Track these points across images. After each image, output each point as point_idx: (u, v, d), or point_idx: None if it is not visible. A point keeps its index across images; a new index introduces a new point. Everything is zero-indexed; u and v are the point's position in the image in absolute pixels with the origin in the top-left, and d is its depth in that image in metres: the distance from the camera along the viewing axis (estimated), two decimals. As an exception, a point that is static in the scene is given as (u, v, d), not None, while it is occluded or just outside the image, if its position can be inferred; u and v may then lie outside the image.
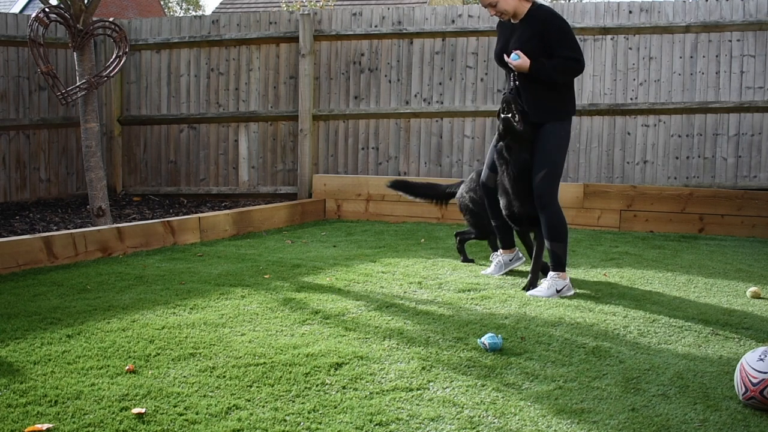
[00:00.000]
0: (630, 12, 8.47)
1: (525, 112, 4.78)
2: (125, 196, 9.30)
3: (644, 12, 8.45)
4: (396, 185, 6.57)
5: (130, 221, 7.52)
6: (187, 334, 3.74)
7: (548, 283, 4.76)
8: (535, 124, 4.80)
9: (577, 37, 8.45)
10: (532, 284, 4.86)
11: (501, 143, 4.87)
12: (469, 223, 5.82)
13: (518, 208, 4.89)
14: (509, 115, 4.76)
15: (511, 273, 5.36)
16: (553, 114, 4.81)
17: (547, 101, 4.81)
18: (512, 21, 4.96)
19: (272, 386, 3.06)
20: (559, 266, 4.78)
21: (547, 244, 4.83)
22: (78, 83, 6.96)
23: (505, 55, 4.84)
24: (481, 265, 5.70)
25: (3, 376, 3.10)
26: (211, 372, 3.21)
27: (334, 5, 15.12)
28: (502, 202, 5.00)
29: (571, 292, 4.76)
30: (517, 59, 4.74)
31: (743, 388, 2.95)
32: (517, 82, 4.87)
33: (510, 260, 5.35)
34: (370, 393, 3.01)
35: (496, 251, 5.46)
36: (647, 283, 5.12)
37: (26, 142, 8.53)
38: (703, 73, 8.36)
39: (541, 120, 4.80)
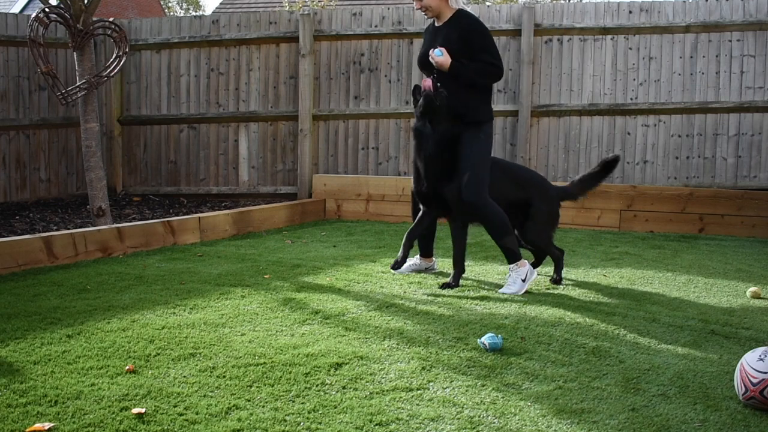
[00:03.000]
0: (630, 12, 8.47)
1: (445, 95, 4.82)
2: (125, 196, 9.30)
3: (644, 12, 8.45)
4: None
5: (130, 221, 7.52)
6: (187, 334, 3.74)
7: (512, 277, 4.80)
8: (455, 122, 4.86)
9: (577, 37, 8.58)
10: (455, 278, 4.92)
11: (418, 123, 4.91)
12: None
13: (426, 188, 4.92)
14: (432, 92, 4.80)
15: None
16: (472, 117, 4.87)
17: (467, 104, 4.87)
18: (436, 24, 5.03)
19: (272, 386, 3.06)
20: (514, 257, 4.84)
21: (497, 243, 4.90)
22: (78, 83, 6.96)
23: (431, 51, 4.84)
24: (479, 265, 5.69)
25: (3, 376, 3.10)
26: (211, 372, 3.21)
27: (336, 5, 15.12)
28: (413, 181, 5.04)
29: (535, 275, 4.86)
30: (441, 55, 4.79)
31: (743, 388, 2.95)
32: (438, 84, 4.90)
33: (426, 267, 5.41)
34: (370, 393, 3.01)
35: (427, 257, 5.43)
36: (647, 283, 5.12)
37: (26, 142, 8.53)
38: (703, 73, 8.36)
39: (464, 121, 4.87)
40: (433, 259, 5.42)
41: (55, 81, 6.97)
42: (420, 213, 5.14)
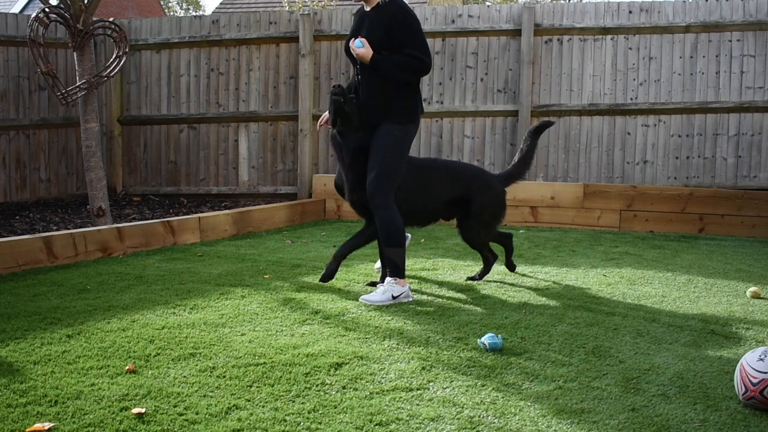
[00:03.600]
0: (630, 12, 8.47)
1: (355, 102, 4.62)
2: (125, 196, 9.30)
3: (644, 12, 8.45)
4: None
5: (130, 221, 7.52)
6: (187, 334, 3.74)
7: (383, 287, 4.48)
8: (372, 123, 4.61)
9: (577, 37, 8.58)
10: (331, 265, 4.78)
11: (335, 130, 4.71)
12: None
13: (349, 196, 4.76)
14: (339, 97, 4.58)
15: (508, 275, 5.35)
16: (391, 115, 4.58)
17: (387, 101, 4.58)
18: (365, 7, 4.67)
19: (272, 386, 3.06)
20: (397, 272, 4.49)
21: (383, 250, 4.59)
22: (78, 83, 6.96)
23: (351, 41, 4.57)
24: (480, 265, 5.70)
25: (3, 376, 3.10)
26: (211, 372, 3.21)
27: (336, 5, 15.12)
28: (346, 189, 4.83)
29: (410, 299, 4.49)
30: (361, 47, 4.49)
31: (743, 388, 2.95)
32: (359, 77, 4.65)
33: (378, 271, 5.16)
34: (370, 393, 3.01)
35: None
36: (647, 283, 5.12)
37: (26, 142, 8.53)
38: (703, 73, 8.36)
39: (377, 120, 4.59)
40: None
41: (55, 81, 6.97)
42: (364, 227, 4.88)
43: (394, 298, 4.42)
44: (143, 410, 2.76)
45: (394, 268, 4.50)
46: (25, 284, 4.81)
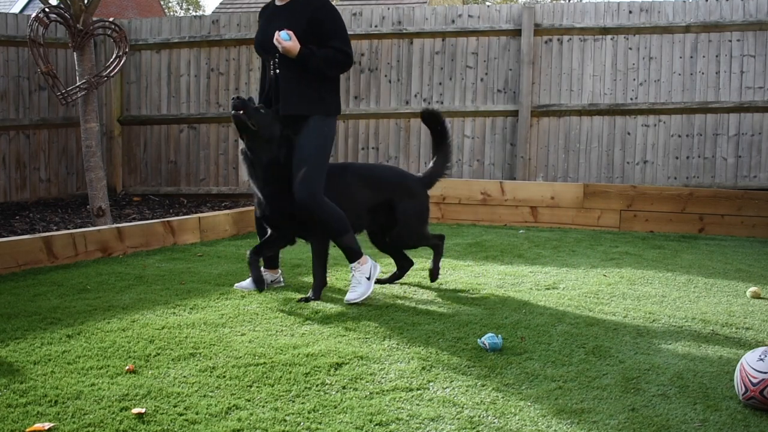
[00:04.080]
0: (630, 12, 8.48)
1: (259, 112, 4.38)
2: (125, 196, 9.30)
3: (644, 12, 8.45)
4: None
5: (130, 221, 7.52)
6: (187, 334, 3.74)
7: (355, 278, 4.44)
8: (294, 121, 4.42)
9: (577, 37, 8.58)
10: (316, 290, 4.50)
11: (243, 146, 4.48)
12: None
13: (269, 211, 4.48)
14: (240, 112, 4.33)
15: (508, 275, 5.35)
16: (315, 106, 4.42)
17: (309, 92, 4.41)
18: (277, 3, 4.52)
19: (272, 386, 3.06)
20: (356, 254, 4.47)
21: (336, 243, 4.51)
22: (78, 83, 6.96)
23: (276, 33, 4.29)
24: (480, 265, 5.69)
25: (3, 376, 3.10)
26: (211, 372, 3.21)
27: (337, 5, 15.13)
28: (255, 205, 4.61)
29: (378, 269, 4.54)
30: (288, 40, 4.26)
31: (743, 388, 2.95)
32: (277, 71, 4.43)
33: (272, 280, 4.86)
34: (370, 393, 3.01)
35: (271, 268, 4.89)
36: (647, 283, 5.12)
37: (26, 142, 8.53)
38: (703, 73, 8.36)
39: (302, 111, 4.41)
40: (279, 271, 4.89)
41: (55, 81, 6.98)
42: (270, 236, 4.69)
43: (368, 279, 4.41)
44: (143, 410, 2.76)
45: (351, 253, 4.47)
46: (25, 284, 4.81)
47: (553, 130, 8.62)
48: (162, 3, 35.85)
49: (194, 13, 48.63)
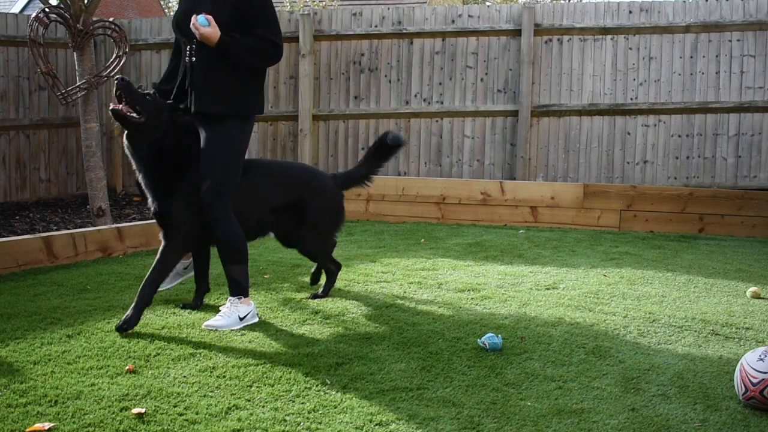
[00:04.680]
0: (630, 12, 8.48)
1: (145, 99, 3.89)
2: (125, 196, 9.29)
3: (644, 12, 8.45)
4: None
5: (130, 221, 7.52)
6: (187, 334, 3.74)
7: (227, 309, 3.93)
8: (206, 116, 3.91)
9: (577, 37, 8.58)
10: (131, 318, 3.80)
11: (124, 137, 4.00)
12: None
13: (157, 208, 4.01)
14: (119, 106, 3.81)
15: (508, 275, 5.35)
16: (234, 106, 3.90)
17: (228, 89, 3.89)
18: None
19: (272, 386, 3.06)
20: (241, 290, 3.95)
21: (225, 268, 4.01)
22: (78, 83, 6.96)
23: (193, 17, 3.77)
24: (480, 265, 5.69)
25: (3, 376, 3.10)
26: (211, 372, 3.21)
27: (336, 5, 15.13)
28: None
29: (255, 320, 3.98)
30: (207, 25, 3.73)
31: (743, 388, 2.95)
32: (193, 59, 3.89)
33: (184, 268, 4.52)
34: (370, 393, 3.01)
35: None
36: (647, 283, 5.12)
37: (26, 142, 8.53)
38: (703, 73, 8.36)
39: (218, 110, 3.88)
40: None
41: (55, 81, 6.97)
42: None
43: (240, 319, 3.90)
44: (143, 410, 2.77)
45: (237, 286, 3.96)
46: (25, 284, 4.81)
47: (553, 130, 8.62)
48: (162, 3, 35.83)
49: (194, 13, 48.57)
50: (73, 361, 3.31)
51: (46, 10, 6.85)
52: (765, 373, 2.89)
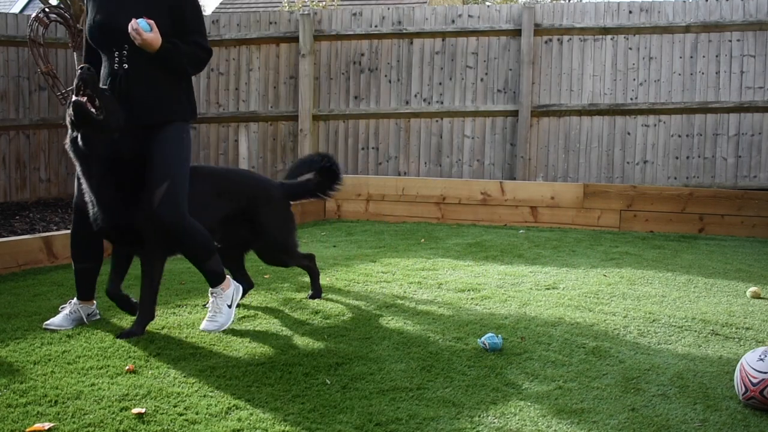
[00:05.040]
0: (630, 12, 8.48)
1: (105, 94, 3.56)
2: (125, 196, 9.29)
3: (644, 12, 8.45)
4: None
5: (130, 221, 7.51)
6: (187, 334, 3.73)
7: (215, 304, 3.84)
8: (147, 130, 3.67)
9: (577, 37, 8.58)
10: (139, 324, 3.72)
11: (75, 134, 3.55)
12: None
13: (104, 220, 3.63)
14: (83, 99, 3.45)
15: (508, 275, 5.35)
16: (175, 111, 3.72)
17: (168, 95, 3.70)
18: None
19: (272, 386, 3.06)
20: (219, 278, 3.88)
21: (201, 267, 3.87)
22: (78, 83, 6.96)
23: (133, 21, 3.50)
24: (479, 265, 5.69)
25: (3, 376, 3.10)
26: (211, 372, 3.21)
27: (336, 5, 15.13)
28: (91, 213, 3.68)
29: (240, 291, 4.01)
30: (150, 31, 3.50)
31: (743, 388, 2.95)
32: (125, 66, 3.62)
33: (88, 314, 3.99)
34: (370, 393, 3.01)
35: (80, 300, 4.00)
36: (647, 283, 5.12)
37: (26, 142, 8.53)
38: (703, 73, 8.36)
39: (161, 119, 3.68)
40: (94, 302, 4.05)
41: (55, 81, 6.98)
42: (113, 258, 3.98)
43: (230, 307, 3.86)
44: (143, 410, 2.76)
45: (216, 276, 3.87)
46: (25, 284, 4.81)
47: (553, 130, 8.62)
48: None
49: (194, 13, 48.59)
50: (73, 361, 3.31)
51: (46, 10, 6.86)
52: (765, 373, 2.89)
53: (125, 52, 3.60)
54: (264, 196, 4.20)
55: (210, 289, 3.89)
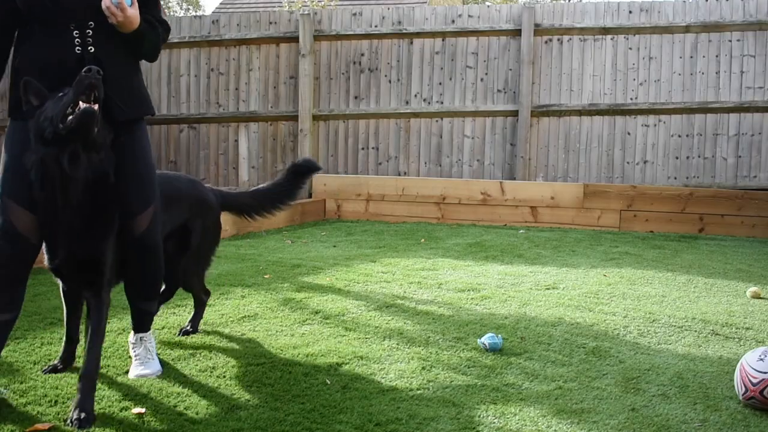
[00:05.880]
0: (630, 12, 8.48)
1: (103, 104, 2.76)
2: (125, 196, 9.29)
3: (644, 12, 8.45)
4: None
5: (130, 221, 7.51)
6: (187, 334, 3.73)
7: (144, 348, 3.24)
8: (123, 122, 2.92)
9: (577, 37, 8.58)
10: (83, 398, 2.70)
11: (47, 150, 2.68)
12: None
13: (71, 249, 2.86)
14: (95, 107, 2.67)
15: (508, 275, 5.35)
16: (148, 106, 3.06)
17: (138, 85, 3.02)
18: None
19: (272, 386, 3.06)
20: (151, 323, 3.35)
21: (141, 305, 3.27)
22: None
23: None
24: (479, 265, 5.69)
25: (3, 376, 3.10)
26: (211, 372, 3.21)
27: (336, 5, 15.14)
28: (47, 247, 2.93)
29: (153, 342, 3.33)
30: (130, 4, 2.78)
31: (743, 388, 2.95)
32: (91, 49, 2.81)
33: (5, 388, 3.00)
34: (370, 393, 3.01)
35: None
36: (647, 283, 5.12)
37: (26, 142, 8.52)
38: (703, 73, 8.36)
39: (132, 115, 2.96)
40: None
41: None
42: (64, 299, 3.37)
43: (150, 352, 3.26)
44: (143, 410, 2.76)
45: (150, 321, 3.34)
46: (25, 284, 4.80)
47: (553, 130, 8.62)
48: (162, 3, 35.84)
49: (194, 13, 48.63)
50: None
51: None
52: (765, 373, 2.88)
53: (89, 31, 2.80)
54: (201, 206, 3.61)
55: (137, 333, 3.27)
